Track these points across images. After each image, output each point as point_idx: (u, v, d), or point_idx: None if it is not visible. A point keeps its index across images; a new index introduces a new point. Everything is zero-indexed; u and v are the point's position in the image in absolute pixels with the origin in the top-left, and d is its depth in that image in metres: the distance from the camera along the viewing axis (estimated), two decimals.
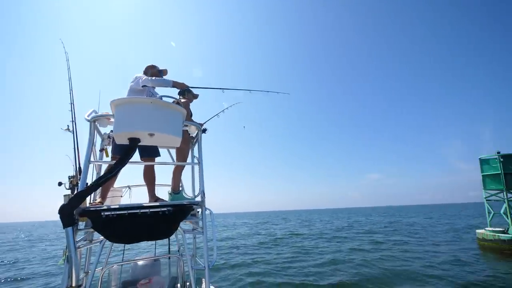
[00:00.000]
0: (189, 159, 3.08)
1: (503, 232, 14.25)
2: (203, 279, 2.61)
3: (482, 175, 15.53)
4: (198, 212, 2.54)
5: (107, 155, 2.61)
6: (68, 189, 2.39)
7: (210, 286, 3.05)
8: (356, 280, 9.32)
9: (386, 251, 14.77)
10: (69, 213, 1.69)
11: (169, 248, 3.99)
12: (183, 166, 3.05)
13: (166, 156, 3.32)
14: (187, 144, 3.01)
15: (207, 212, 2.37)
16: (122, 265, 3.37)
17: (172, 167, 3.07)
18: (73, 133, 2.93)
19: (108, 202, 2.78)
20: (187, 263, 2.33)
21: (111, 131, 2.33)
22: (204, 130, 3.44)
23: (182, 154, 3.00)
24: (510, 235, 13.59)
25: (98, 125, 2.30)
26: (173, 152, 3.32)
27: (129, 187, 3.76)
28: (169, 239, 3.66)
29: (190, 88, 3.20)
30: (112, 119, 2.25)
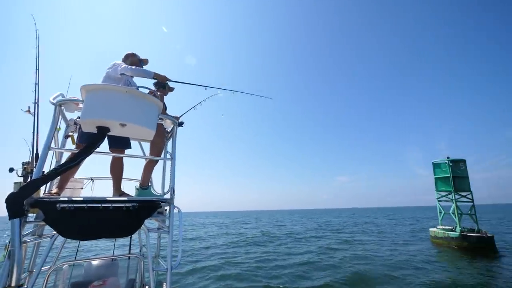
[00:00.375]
0: (162, 154, 2.95)
1: (451, 230, 15.95)
2: (164, 283, 2.43)
3: (435, 178, 17.27)
4: (165, 210, 2.40)
5: (73, 143, 2.41)
6: (20, 176, 2.15)
7: None
8: (325, 281, 9.38)
9: (351, 250, 15.63)
10: (18, 202, 1.51)
11: (130, 247, 3.66)
12: (156, 161, 2.90)
13: (137, 149, 3.16)
14: (162, 139, 2.89)
15: (175, 210, 2.25)
16: (73, 264, 3.01)
17: (142, 161, 2.92)
18: (34, 115, 2.65)
19: (66, 194, 2.54)
20: (148, 265, 2.14)
21: (78, 117, 2.15)
22: (181, 124, 3.33)
23: (157, 149, 2.86)
24: (457, 233, 15.23)
25: (64, 109, 2.13)
26: (146, 145, 3.16)
27: (92, 179, 3.48)
28: (130, 238, 3.43)
29: (172, 82, 3.03)
30: (80, 105, 2.08)
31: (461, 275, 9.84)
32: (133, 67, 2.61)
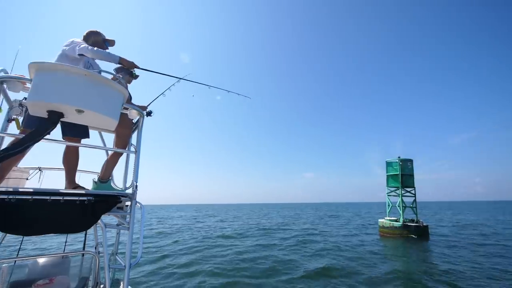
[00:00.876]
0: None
1: (396, 221, 18.02)
2: (121, 281, 2.27)
3: (386, 175, 19.22)
4: (126, 205, 2.23)
5: (18, 127, 2.07)
6: None
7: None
8: (290, 273, 9.61)
9: (316, 242, 16.76)
10: None
11: (84, 244, 3.36)
12: (120, 154, 2.64)
13: (95, 139, 2.86)
14: (128, 130, 2.63)
15: (138, 206, 2.11)
16: (14, 262, 2.68)
17: (102, 154, 2.66)
18: None
19: (8, 184, 2.24)
20: (104, 262, 1.98)
21: (25, 98, 1.86)
22: (149, 113, 3.10)
23: (122, 140, 2.60)
24: (400, 223, 17.36)
25: (6, 88, 1.83)
26: (108, 136, 2.88)
27: (40, 169, 3.09)
28: (86, 234, 3.15)
29: (140, 70, 2.70)
30: (28, 85, 1.81)
31: (400, 256, 12.29)
32: (95, 48, 2.28)
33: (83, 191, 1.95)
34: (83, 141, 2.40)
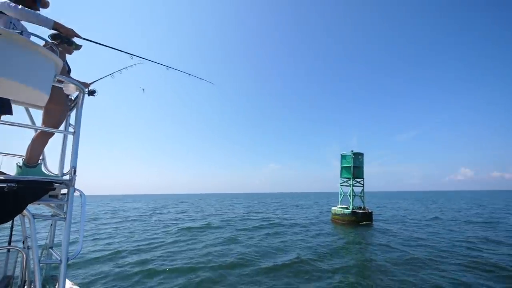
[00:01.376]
0: (62, 126, 2.33)
1: (346, 208, 19.82)
2: (58, 277, 2.00)
3: (341, 167, 20.85)
4: (62, 193, 1.96)
5: None
6: None
7: (68, 283, 2.44)
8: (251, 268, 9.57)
9: (275, 231, 17.48)
10: None
11: (10, 238, 2.92)
12: (51, 134, 2.23)
13: (21, 115, 2.42)
14: (61, 107, 2.25)
15: (77, 194, 1.87)
16: None
17: (31, 133, 2.25)
18: None
19: None
20: (33, 257, 1.73)
21: None
22: (92, 92, 2.76)
23: (52, 118, 2.21)
24: (350, 210, 19.20)
25: None
26: (36, 113, 2.46)
27: None
28: (12, 227, 2.70)
29: (81, 40, 2.29)
30: None
31: (348, 238, 14.20)
32: (20, 6, 1.84)
33: (1, 177, 1.64)
34: (5, 117, 2.00)
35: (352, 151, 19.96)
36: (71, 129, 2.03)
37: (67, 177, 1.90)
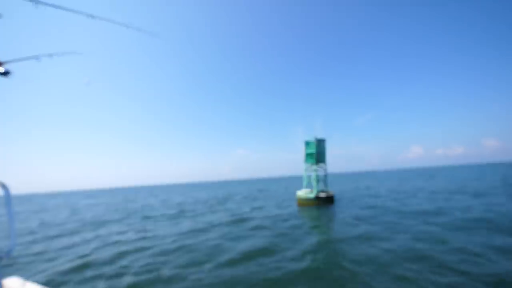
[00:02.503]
0: None
1: (310, 192, 20.83)
2: None
3: (305, 153, 21.62)
4: None
5: None
6: None
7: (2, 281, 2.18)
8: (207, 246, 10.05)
9: (242, 218, 17.51)
10: None
11: None
12: None
13: None
14: None
15: None
16: None
17: None
18: None
19: None
20: None
21: None
22: (5, 73, 2.45)
23: None
24: (313, 195, 20.21)
25: None
26: None
27: None
28: None
29: None
30: None
31: (311, 219, 15.13)
32: None
33: None
34: None
35: (315, 137, 20.73)
36: None
37: None
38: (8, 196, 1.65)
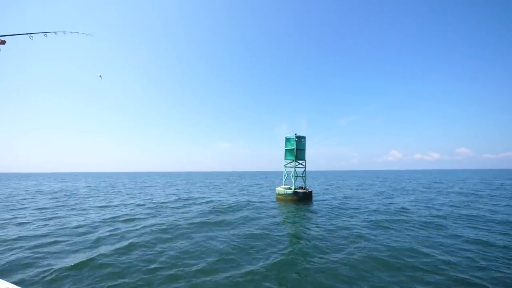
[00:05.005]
0: None
1: (289, 188, 21.09)
2: None
3: (285, 149, 21.84)
4: None
5: None
6: None
7: None
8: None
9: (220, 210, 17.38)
10: None
11: None
12: None
13: None
14: None
15: None
16: None
17: None
18: None
19: None
20: None
21: None
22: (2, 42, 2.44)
23: None
24: (292, 190, 20.48)
25: None
26: None
27: None
28: None
29: None
30: None
31: (289, 214, 15.36)
32: None
33: None
34: None
35: (295, 134, 20.99)
36: None
37: None
38: None
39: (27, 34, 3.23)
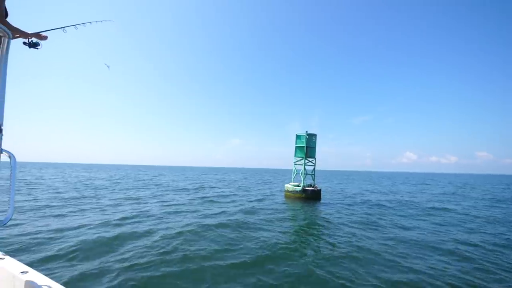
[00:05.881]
0: None
1: (298, 186, 21.15)
2: None
3: (295, 146, 21.87)
4: None
5: None
6: None
7: None
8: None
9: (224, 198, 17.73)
10: None
11: None
12: None
13: None
14: None
15: (4, 156, 1.71)
16: None
17: None
18: None
19: None
20: None
21: None
22: (35, 44, 2.40)
23: None
24: (301, 187, 20.55)
25: None
26: None
27: None
28: None
29: None
30: None
31: (297, 212, 15.42)
32: None
33: None
34: None
35: (306, 131, 20.96)
36: None
37: None
38: (14, 166, 1.70)
39: (60, 28, 3.49)
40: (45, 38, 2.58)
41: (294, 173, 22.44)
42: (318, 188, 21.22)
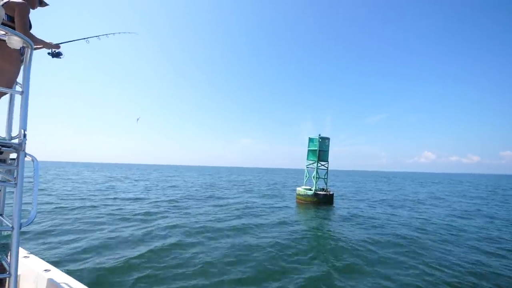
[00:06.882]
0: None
1: (310, 189, 21.11)
2: (10, 245, 1.91)
3: (308, 150, 21.83)
4: (11, 158, 1.87)
5: None
6: None
7: (22, 251, 2.35)
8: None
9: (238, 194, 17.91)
10: None
11: None
12: (1, 94, 2.08)
13: None
14: (12, 65, 2.02)
15: (28, 159, 1.77)
16: None
17: None
18: None
19: None
20: None
21: None
22: (58, 54, 2.58)
23: (3, 77, 2.00)
24: (312, 192, 20.50)
25: None
26: None
27: None
28: None
29: None
30: None
31: (308, 217, 15.56)
32: None
33: None
34: None
35: (319, 135, 20.93)
36: (18, 88, 1.85)
37: (16, 140, 1.75)
38: (36, 168, 1.78)
39: (83, 39, 3.65)
40: (58, 47, 2.71)
41: (306, 176, 22.41)
42: (331, 193, 21.04)
